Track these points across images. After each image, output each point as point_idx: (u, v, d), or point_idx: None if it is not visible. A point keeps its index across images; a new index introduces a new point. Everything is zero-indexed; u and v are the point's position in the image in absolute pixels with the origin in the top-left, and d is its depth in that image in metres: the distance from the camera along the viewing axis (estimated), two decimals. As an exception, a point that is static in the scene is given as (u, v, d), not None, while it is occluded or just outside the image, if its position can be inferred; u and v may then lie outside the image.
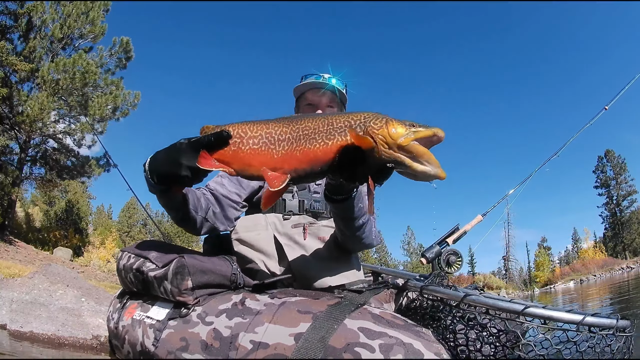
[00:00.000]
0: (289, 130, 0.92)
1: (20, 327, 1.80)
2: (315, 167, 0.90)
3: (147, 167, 0.97)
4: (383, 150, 0.86)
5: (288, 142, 0.91)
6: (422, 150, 0.86)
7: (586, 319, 0.83)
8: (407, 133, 0.86)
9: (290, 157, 0.90)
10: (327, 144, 0.89)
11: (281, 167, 0.91)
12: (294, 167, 0.90)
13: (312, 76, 1.53)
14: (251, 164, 0.92)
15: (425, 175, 0.87)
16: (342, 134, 0.89)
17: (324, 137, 0.89)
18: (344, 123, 0.90)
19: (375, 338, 0.76)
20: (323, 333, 0.78)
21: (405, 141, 0.85)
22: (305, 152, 0.90)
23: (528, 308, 0.85)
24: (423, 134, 0.87)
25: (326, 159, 0.89)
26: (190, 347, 0.89)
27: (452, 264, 1.50)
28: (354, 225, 1.23)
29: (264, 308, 0.89)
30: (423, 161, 0.86)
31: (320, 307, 0.87)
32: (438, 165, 0.86)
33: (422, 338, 0.78)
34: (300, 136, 0.91)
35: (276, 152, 0.91)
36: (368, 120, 0.90)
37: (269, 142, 0.92)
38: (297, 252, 1.31)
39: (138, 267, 1.06)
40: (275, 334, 0.82)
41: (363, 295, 0.97)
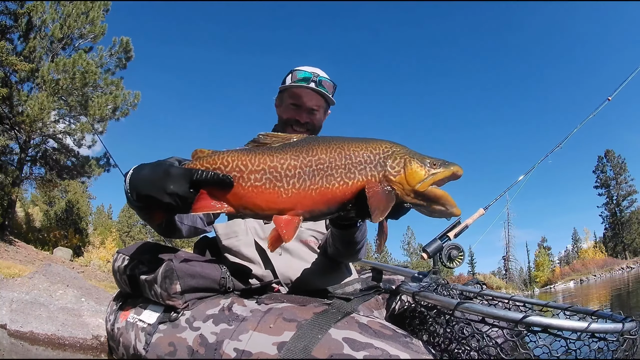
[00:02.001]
0: (299, 164, 0.81)
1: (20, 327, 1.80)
2: (332, 208, 0.83)
3: (127, 182, 0.85)
4: (401, 195, 0.83)
5: (299, 178, 0.80)
6: (440, 193, 0.82)
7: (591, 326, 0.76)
8: (426, 177, 0.82)
9: (303, 197, 0.80)
10: (347, 184, 0.81)
11: (292, 208, 0.80)
12: (308, 208, 0.81)
13: (301, 72, 1.44)
14: (254, 204, 0.81)
15: (441, 214, 0.85)
16: (362, 172, 0.82)
17: (342, 175, 0.81)
18: (363, 158, 0.82)
19: (359, 349, 0.74)
20: (306, 343, 0.77)
21: (423, 187, 0.82)
22: (322, 192, 0.80)
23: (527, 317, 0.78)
24: (441, 175, 0.83)
25: (345, 199, 0.82)
26: (178, 353, 0.89)
27: (454, 259, 1.47)
28: (354, 248, 1.20)
29: (250, 314, 0.89)
30: (440, 204, 0.83)
31: (306, 314, 0.85)
32: (454, 205, 0.83)
33: (411, 349, 0.76)
34: (314, 171, 0.81)
35: (285, 190, 0.80)
36: (386, 157, 0.83)
37: (274, 179, 0.81)
38: (282, 257, 1.29)
39: (131, 269, 1.06)
40: (259, 342, 0.81)
41: (351, 303, 0.95)
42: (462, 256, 1.49)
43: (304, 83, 1.42)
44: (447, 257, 1.48)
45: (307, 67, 1.46)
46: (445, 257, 1.48)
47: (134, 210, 0.91)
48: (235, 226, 1.33)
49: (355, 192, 0.81)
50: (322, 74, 1.45)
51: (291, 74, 1.46)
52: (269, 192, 0.80)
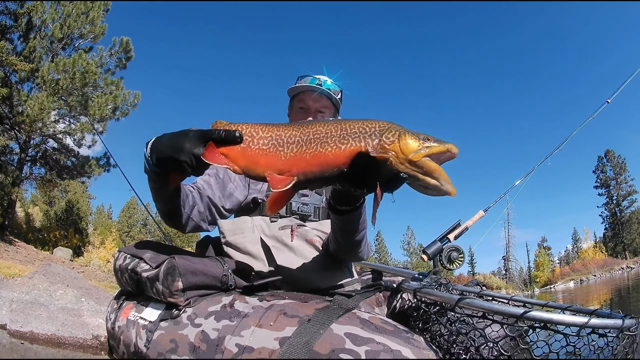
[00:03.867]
0: (298, 134, 0.91)
1: (20, 327, 1.80)
2: (325, 171, 0.88)
3: (149, 145, 0.96)
4: (394, 164, 0.86)
5: (297, 144, 0.90)
6: (433, 166, 0.85)
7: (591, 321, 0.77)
8: (420, 148, 0.85)
9: (298, 159, 0.89)
10: (340, 148, 0.87)
11: (289, 170, 0.89)
12: (302, 169, 0.89)
13: (307, 78, 1.50)
14: (258, 163, 0.91)
15: (436, 190, 0.86)
16: (356, 139, 0.88)
17: (336, 141, 0.88)
18: (358, 129, 0.89)
19: (361, 344, 0.75)
20: (308, 338, 0.78)
21: (417, 157, 0.84)
22: (316, 155, 0.88)
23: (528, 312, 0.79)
24: (436, 149, 0.86)
25: (337, 163, 0.88)
26: (179, 349, 0.89)
27: (454, 261, 1.48)
28: (353, 239, 1.21)
29: (252, 311, 0.89)
30: (434, 177, 0.85)
31: (308, 310, 0.86)
32: (448, 181, 0.85)
33: (412, 345, 0.76)
34: (311, 139, 0.90)
35: (284, 154, 0.90)
36: (382, 130, 0.88)
37: (277, 144, 0.91)
38: (285, 254, 1.30)
39: (133, 267, 1.06)
40: (261, 337, 0.82)
41: (353, 299, 0.96)
42: (461, 258, 1.50)
43: (310, 89, 1.48)
44: (447, 259, 1.48)
45: (312, 74, 1.53)
46: (445, 258, 1.48)
47: (151, 178, 1.00)
48: (242, 223, 1.35)
49: (348, 156, 0.87)
50: (327, 80, 1.50)
51: (297, 81, 1.53)
52: (272, 154, 0.91)
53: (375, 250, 40.65)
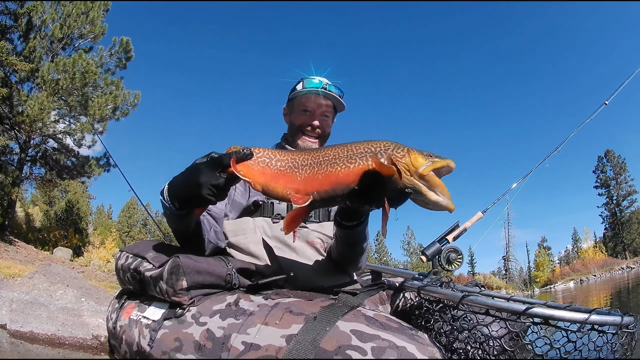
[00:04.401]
0: (310, 157, 0.99)
1: (20, 327, 1.80)
2: (337, 189, 0.94)
3: (166, 194, 0.99)
4: (405, 177, 0.91)
5: (310, 166, 0.97)
6: (438, 182, 0.91)
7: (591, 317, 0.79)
8: (427, 163, 0.92)
9: (312, 179, 0.96)
10: (349, 167, 0.93)
11: (304, 189, 0.96)
12: (316, 188, 0.95)
13: (311, 81, 1.50)
14: (277, 182, 0.98)
15: (437, 205, 0.92)
16: (364, 158, 0.94)
17: (345, 161, 0.95)
18: (365, 149, 0.95)
19: (367, 341, 0.76)
20: (314, 335, 0.78)
21: (426, 170, 0.91)
22: (327, 174, 0.95)
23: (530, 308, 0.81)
24: (439, 164, 0.93)
25: (348, 181, 0.93)
26: (184, 348, 0.89)
27: (453, 262, 1.49)
28: (357, 250, 1.25)
29: (257, 309, 0.90)
30: (438, 192, 0.91)
31: (313, 308, 0.87)
32: (449, 197, 0.92)
33: (416, 341, 0.77)
34: (322, 161, 0.97)
35: (299, 174, 0.98)
36: (389, 148, 0.94)
37: (293, 166, 0.99)
38: (288, 255, 1.32)
39: (135, 267, 1.07)
40: (267, 335, 0.82)
41: (357, 297, 0.97)
42: (460, 259, 1.51)
43: (315, 92, 1.49)
44: (446, 260, 1.49)
45: (315, 77, 1.53)
46: (444, 259, 1.49)
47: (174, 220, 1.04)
48: (244, 224, 1.36)
49: (358, 174, 0.93)
50: (330, 83, 1.52)
51: (301, 83, 1.52)
52: (289, 175, 0.98)
53: (375, 250, 40.66)
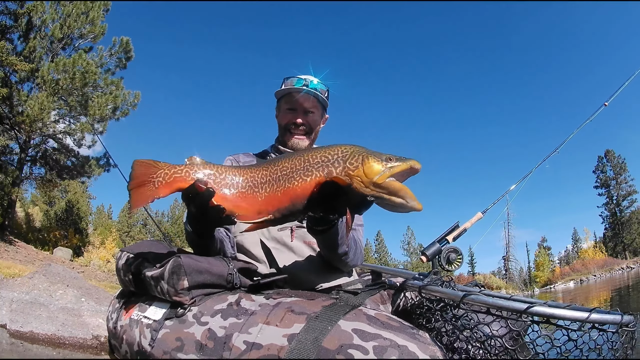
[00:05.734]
0: (268, 173, 0.97)
1: (20, 327, 1.80)
2: (297, 204, 0.94)
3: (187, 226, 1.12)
4: (360, 188, 0.90)
5: (269, 184, 0.96)
6: (397, 186, 0.90)
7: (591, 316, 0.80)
8: (383, 170, 0.90)
9: (272, 198, 0.95)
10: (305, 180, 0.93)
11: (266, 209, 0.95)
12: (276, 207, 0.95)
13: (293, 79, 1.50)
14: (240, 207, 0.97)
15: (402, 208, 0.91)
16: (320, 169, 0.93)
17: (301, 174, 0.94)
18: (321, 159, 0.94)
19: (369, 340, 0.76)
20: (316, 334, 0.78)
21: (380, 179, 0.90)
22: (285, 191, 0.94)
23: (531, 307, 0.82)
24: (398, 168, 0.91)
25: (305, 194, 0.93)
26: (185, 347, 0.89)
27: (453, 262, 1.49)
28: (337, 252, 1.24)
29: (259, 309, 0.90)
30: (399, 196, 0.90)
31: (315, 308, 0.87)
32: (414, 198, 0.90)
33: (418, 340, 0.77)
34: (279, 177, 0.96)
35: (259, 194, 0.97)
36: (345, 157, 0.93)
37: (253, 186, 0.98)
38: (286, 255, 1.32)
39: (136, 267, 1.07)
40: (269, 334, 0.82)
41: (358, 297, 0.97)
42: (460, 259, 1.51)
43: (295, 90, 1.48)
44: (446, 260, 1.49)
45: (299, 75, 1.53)
46: (443, 260, 1.49)
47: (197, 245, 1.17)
48: (242, 225, 1.35)
49: (314, 186, 0.92)
50: (314, 79, 1.51)
51: (284, 83, 1.53)
52: (250, 197, 0.97)
53: (375, 250, 40.66)
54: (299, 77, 1.50)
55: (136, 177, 1.01)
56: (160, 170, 1.00)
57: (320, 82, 1.51)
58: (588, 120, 2.30)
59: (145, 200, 0.99)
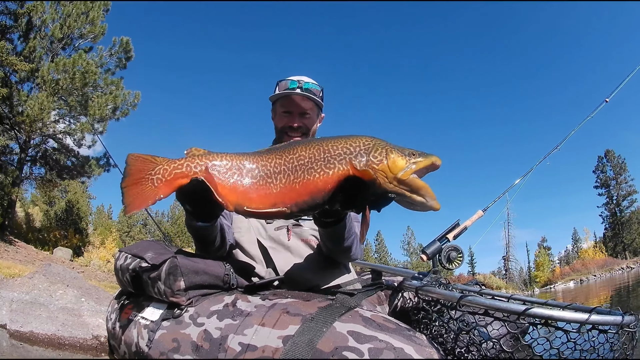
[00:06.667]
0: (283, 162, 0.89)
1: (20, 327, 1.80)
2: (317, 199, 0.87)
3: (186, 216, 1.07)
4: (384, 183, 0.86)
5: (284, 174, 0.88)
6: (420, 184, 0.87)
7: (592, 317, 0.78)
8: (407, 166, 0.86)
9: (290, 190, 0.87)
10: (328, 173, 0.86)
11: (282, 202, 0.87)
12: (294, 200, 0.87)
13: (287, 81, 1.48)
14: (251, 199, 0.88)
15: (422, 207, 0.88)
16: (342, 161, 0.86)
17: (322, 166, 0.87)
18: (343, 150, 0.88)
19: (364, 342, 0.76)
20: (311, 336, 0.78)
21: (405, 175, 0.86)
22: (305, 183, 0.86)
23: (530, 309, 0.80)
24: (422, 164, 0.88)
25: (327, 189, 0.86)
26: (182, 349, 0.89)
27: (453, 260, 1.49)
28: (342, 245, 1.22)
29: (255, 310, 0.90)
30: (421, 194, 0.87)
31: (310, 309, 0.87)
32: (434, 197, 0.87)
33: (414, 342, 0.77)
34: (296, 166, 0.88)
35: (274, 185, 0.88)
36: (368, 149, 0.87)
37: (266, 176, 0.88)
38: (283, 254, 1.31)
39: (134, 267, 1.06)
40: (264, 336, 0.82)
41: (355, 298, 0.97)
42: (460, 257, 1.50)
43: (289, 93, 1.46)
44: (446, 259, 1.49)
45: (292, 76, 1.51)
46: (444, 258, 1.49)
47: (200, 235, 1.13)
48: (239, 222, 1.36)
49: (337, 180, 0.86)
50: (308, 80, 1.49)
51: (278, 85, 1.51)
52: (263, 188, 0.88)
53: (375, 250, 40.63)
54: (292, 79, 1.48)
55: (132, 173, 0.91)
56: (158, 166, 0.91)
57: (314, 83, 1.49)
58: (589, 117, 2.30)
59: (144, 202, 0.89)
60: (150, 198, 0.89)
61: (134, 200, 0.90)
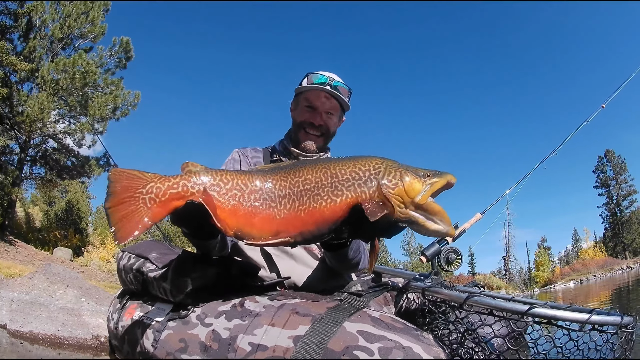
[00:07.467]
0: (288, 185, 0.81)
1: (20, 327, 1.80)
2: (322, 229, 0.80)
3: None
4: (399, 211, 0.79)
5: (289, 198, 0.80)
6: (437, 209, 0.81)
7: (592, 317, 0.81)
8: (424, 188, 0.80)
9: (294, 218, 0.79)
10: (335, 201, 0.79)
11: (285, 231, 0.79)
12: (299, 229, 0.79)
13: (317, 75, 1.42)
14: (253, 224, 0.80)
15: (436, 234, 0.83)
16: (351, 188, 0.79)
17: (329, 192, 0.79)
18: (351, 175, 0.80)
19: (374, 341, 0.76)
20: (322, 336, 0.79)
21: (423, 199, 0.79)
22: (311, 212, 0.79)
23: (533, 308, 0.82)
24: (438, 185, 0.82)
25: (334, 218, 0.79)
26: (189, 349, 0.89)
27: (452, 262, 1.49)
28: (349, 264, 1.20)
29: (263, 310, 0.89)
30: (437, 220, 0.80)
31: (319, 309, 0.87)
32: (449, 223, 0.81)
33: (422, 342, 0.78)
34: (302, 191, 0.80)
35: (278, 211, 0.80)
36: (379, 173, 0.80)
37: (269, 199, 0.80)
38: (286, 261, 1.31)
39: (138, 267, 1.06)
40: (274, 336, 0.82)
41: (363, 298, 0.97)
42: (459, 259, 1.52)
43: (320, 86, 1.40)
44: (445, 261, 1.50)
45: (323, 71, 1.45)
46: (443, 260, 1.50)
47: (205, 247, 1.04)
48: None
49: (345, 209, 0.79)
50: (338, 79, 1.44)
51: (307, 77, 1.45)
52: (265, 213, 0.79)
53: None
54: (323, 74, 1.42)
55: (117, 192, 0.81)
56: (150, 183, 0.80)
57: (344, 83, 1.43)
58: (585, 122, 2.32)
59: (136, 226, 0.78)
60: (143, 222, 0.79)
61: (124, 225, 0.79)
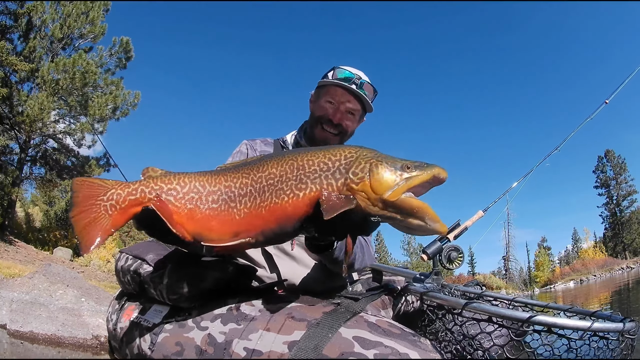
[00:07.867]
0: (250, 182, 0.75)
1: (20, 327, 1.80)
2: (285, 227, 0.73)
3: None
4: (365, 207, 0.70)
5: (250, 196, 0.74)
6: (415, 205, 0.69)
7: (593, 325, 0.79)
8: (397, 183, 0.69)
9: (255, 217, 0.73)
10: (298, 196, 0.72)
11: (245, 231, 0.74)
12: (259, 229, 0.74)
13: (343, 70, 1.35)
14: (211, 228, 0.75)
15: (422, 231, 0.72)
16: (316, 180, 0.72)
17: (292, 186, 0.72)
18: (318, 166, 0.73)
19: (370, 348, 0.75)
20: (317, 342, 0.78)
21: (393, 195, 0.69)
22: (272, 208, 0.72)
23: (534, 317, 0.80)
24: (417, 180, 0.70)
25: (298, 214, 0.72)
26: (185, 352, 0.89)
27: (454, 260, 1.49)
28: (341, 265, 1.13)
29: (259, 314, 0.89)
30: (417, 217, 0.70)
31: (315, 314, 0.86)
32: (436, 219, 0.70)
33: (419, 348, 0.77)
34: (264, 187, 0.74)
35: (237, 211, 0.74)
36: (348, 164, 0.71)
37: (228, 199, 0.75)
38: (287, 262, 1.30)
39: (135, 269, 1.06)
40: (269, 341, 0.82)
41: (359, 303, 0.96)
42: (461, 257, 1.51)
43: (345, 83, 1.34)
44: (447, 259, 1.49)
45: (350, 67, 1.38)
46: (444, 258, 1.49)
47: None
48: None
49: (309, 204, 0.71)
50: (365, 77, 1.37)
51: (333, 71, 1.38)
52: (224, 214, 0.74)
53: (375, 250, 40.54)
54: (351, 70, 1.35)
55: (79, 201, 0.78)
56: (110, 190, 0.78)
57: (371, 83, 1.37)
58: (589, 118, 2.31)
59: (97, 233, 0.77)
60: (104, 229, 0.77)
61: (87, 233, 0.78)
